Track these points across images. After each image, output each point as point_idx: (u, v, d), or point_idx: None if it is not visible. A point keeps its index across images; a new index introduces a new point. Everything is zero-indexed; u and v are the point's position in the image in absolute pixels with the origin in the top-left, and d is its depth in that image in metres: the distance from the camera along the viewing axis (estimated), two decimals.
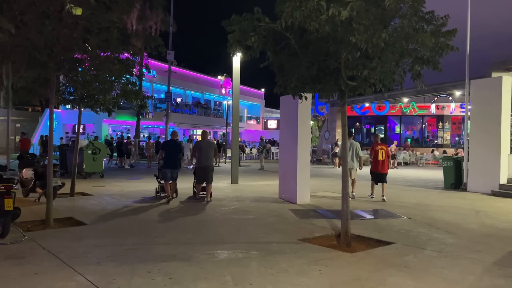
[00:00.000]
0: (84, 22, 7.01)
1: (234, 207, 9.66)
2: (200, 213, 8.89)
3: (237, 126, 15.30)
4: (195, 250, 5.87)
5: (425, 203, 10.55)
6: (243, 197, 11.22)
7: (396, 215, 8.84)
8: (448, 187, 13.91)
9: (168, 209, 9.37)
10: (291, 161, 10.35)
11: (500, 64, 13.08)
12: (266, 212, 9.02)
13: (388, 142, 35.92)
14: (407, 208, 9.72)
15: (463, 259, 5.59)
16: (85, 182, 14.61)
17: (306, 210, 9.26)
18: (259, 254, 5.68)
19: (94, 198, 10.98)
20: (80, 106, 11.02)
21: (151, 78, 36.92)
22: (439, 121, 34.95)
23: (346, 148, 6.62)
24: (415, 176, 18.92)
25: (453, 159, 14.20)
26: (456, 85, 20.27)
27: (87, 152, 16.17)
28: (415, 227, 7.57)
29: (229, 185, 14.40)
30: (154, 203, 10.19)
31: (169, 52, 26.25)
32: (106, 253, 5.67)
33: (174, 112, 38.52)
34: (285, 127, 10.93)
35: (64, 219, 8.00)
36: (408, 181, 16.44)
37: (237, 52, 5.73)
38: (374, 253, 5.89)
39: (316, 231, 7.18)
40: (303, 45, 5.97)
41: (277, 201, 10.62)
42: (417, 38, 5.52)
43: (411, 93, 25.41)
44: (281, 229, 7.31)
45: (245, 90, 49.88)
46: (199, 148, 10.78)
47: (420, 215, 8.86)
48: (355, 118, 38.29)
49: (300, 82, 6.27)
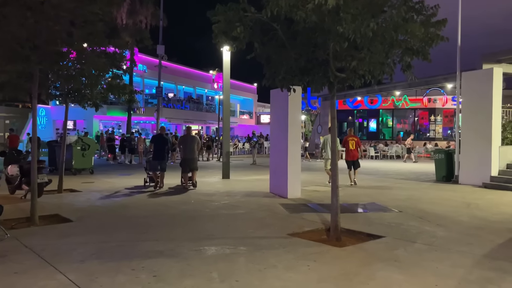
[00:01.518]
0: (67, 14, 6.82)
1: (224, 202, 9.55)
2: (190, 209, 8.77)
3: (228, 120, 15.16)
4: (182, 246, 5.76)
5: (416, 196, 10.51)
6: (234, 192, 11.12)
7: (388, 208, 8.78)
8: (440, 180, 13.90)
9: (157, 205, 9.24)
10: (282, 155, 10.25)
11: (491, 56, 13.03)
12: (257, 206, 8.92)
13: (383, 136, 36.00)
14: (399, 201, 9.66)
15: (454, 252, 5.52)
16: (74, 178, 14.42)
17: (296, 205, 9.17)
18: (248, 249, 5.57)
19: (82, 195, 10.83)
20: (67, 101, 10.84)
21: (142, 73, 36.61)
22: (431, 114, 35.02)
23: (336, 142, 6.53)
24: (407, 169, 18.92)
25: (445, 151, 14.18)
26: (447, 77, 20.27)
27: (76, 148, 15.96)
28: (406, 220, 7.51)
29: (220, 180, 14.29)
30: (144, 198, 10.07)
31: (160, 46, 25.93)
32: (91, 251, 5.54)
33: (166, 107, 38.24)
34: (276, 121, 10.81)
35: (50, 216, 7.85)
36: (400, 174, 16.42)
37: (223, 43, 5.59)
38: (364, 247, 5.81)
39: (306, 225, 7.09)
40: (291, 36, 5.84)
41: (268, 195, 10.52)
42: (407, 28, 5.42)
43: (403, 86, 25.42)
44: (271, 224, 7.22)
45: (237, 84, 49.65)
46: (184, 142, 12.19)
47: (411, 208, 8.80)
48: (347, 112, 38.27)
49: (288, 74, 6.15)
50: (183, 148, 12.06)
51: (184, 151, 11.99)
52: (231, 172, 15.33)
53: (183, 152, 12.09)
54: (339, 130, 39.71)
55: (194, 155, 11.98)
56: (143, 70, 36.23)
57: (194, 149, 11.97)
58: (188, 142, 11.98)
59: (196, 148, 12.03)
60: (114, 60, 8.81)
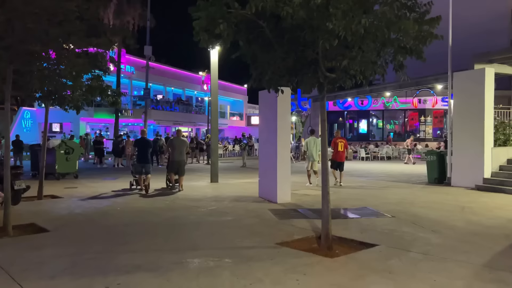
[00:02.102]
0: (41, 11, 6.42)
1: (211, 208, 9.18)
2: (174, 216, 8.39)
3: (216, 122, 14.79)
4: (163, 258, 5.39)
5: (409, 200, 10.24)
6: (222, 197, 10.75)
7: (380, 213, 8.48)
8: (432, 182, 13.68)
9: (140, 212, 8.84)
10: (271, 159, 9.92)
11: (483, 55, 12.84)
12: (245, 213, 8.57)
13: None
14: (391, 205, 9.38)
15: (451, 261, 5.22)
16: (57, 183, 13.96)
17: (286, 210, 8.84)
18: (233, 261, 5.22)
19: (63, 201, 10.39)
20: (47, 103, 10.41)
21: (130, 75, 36.07)
22: (421, 115, 35.01)
23: (326, 145, 6.20)
24: (398, 171, 18.70)
25: (436, 153, 13.96)
26: (438, 78, 20.12)
27: (60, 152, 15.47)
28: (399, 226, 7.22)
29: (208, 184, 13.91)
30: (127, 204, 9.67)
31: (147, 47, 25.50)
32: (64, 265, 5.14)
33: (155, 109, 37.73)
34: (264, 123, 10.48)
35: (25, 226, 7.43)
36: (391, 176, 16.18)
37: (205, 42, 5.23)
38: (357, 257, 5.49)
39: (296, 233, 6.76)
40: (278, 34, 5.51)
41: (257, 200, 10.17)
42: (400, 25, 5.12)
43: (393, 87, 25.26)
44: (259, 232, 6.87)
45: (227, 86, 49.31)
46: (173, 144, 12.23)
47: (404, 212, 8.51)
48: (338, 113, 38.13)
49: (275, 74, 5.82)
50: (172, 151, 12.21)
51: (173, 153, 12.15)
52: (220, 175, 14.97)
53: (172, 155, 12.23)
54: (329, 131, 39.65)
55: (182, 157, 12.23)
56: (131, 71, 35.69)
57: (183, 152, 12.24)
58: (177, 145, 12.15)
59: (184, 151, 12.32)
60: (95, 61, 8.38)
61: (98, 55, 9.26)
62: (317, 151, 12.60)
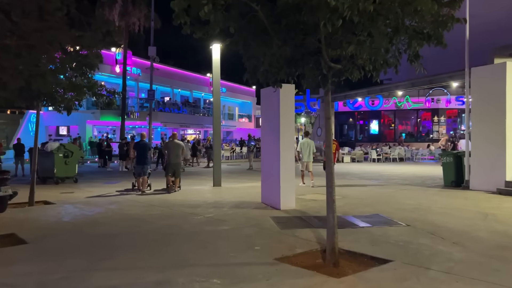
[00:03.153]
0: (12, 1, 5.79)
1: (209, 215, 8.46)
2: (168, 224, 7.69)
3: (219, 123, 14.11)
4: (144, 278, 4.69)
5: (425, 205, 9.41)
6: (222, 203, 10.04)
7: (393, 221, 7.69)
8: (448, 185, 12.80)
9: (132, 220, 8.17)
10: (273, 161, 9.18)
11: (504, 48, 11.95)
12: (244, 221, 7.84)
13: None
14: (405, 212, 8.58)
15: (480, 283, 4.42)
16: (54, 188, 13.41)
17: (290, 218, 8.08)
18: (222, 282, 4.50)
19: (55, 208, 9.79)
20: (38, 104, 9.83)
21: (136, 77, 35.61)
22: (434, 115, 33.99)
23: (331, 146, 5.46)
24: (411, 173, 17.82)
25: (453, 154, 13.07)
26: (453, 75, 19.16)
27: (58, 156, 14.89)
28: (415, 237, 6.43)
29: (210, 189, 13.21)
30: (120, 211, 9.01)
31: (151, 48, 24.96)
32: (29, 285, 4.47)
33: (162, 112, 37.21)
34: (266, 123, 9.75)
35: (3, 237, 6.80)
36: (405, 179, 15.32)
37: (188, 28, 4.52)
38: (367, 276, 4.72)
39: (298, 245, 6.01)
40: (274, 19, 4.78)
41: (259, 206, 9.44)
42: (416, 5, 4.36)
43: (405, 86, 24.33)
44: (257, 244, 6.13)
45: (236, 87, 48.71)
46: (169, 147, 12.62)
47: (420, 220, 7.71)
48: (348, 114, 37.28)
49: (273, 66, 5.10)
50: (168, 154, 12.67)
51: (169, 156, 12.56)
52: (225, 178, 14.40)
53: (168, 157, 12.75)
54: (340, 132, 38.72)
55: (178, 160, 12.51)
56: (137, 73, 35.22)
57: (179, 155, 12.52)
58: (173, 148, 12.46)
59: (180, 153, 12.58)
60: (78, 57, 7.73)
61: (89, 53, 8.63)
62: (310, 153, 13.12)
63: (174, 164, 12.35)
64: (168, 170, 12.48)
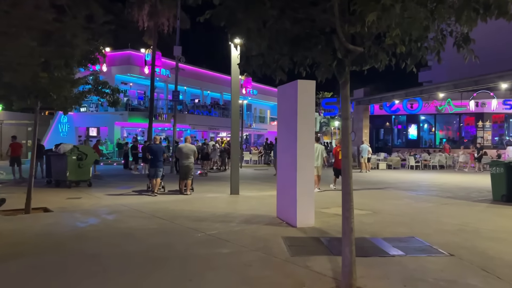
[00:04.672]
0: None
1: (211, 232, 7.25)
2: (160, 244, 6.54)
3: (237, 126, 12.91)
4: None
5: (471, 226, 7.85)
6: (232, 216, 8.83)
7: (432, 247, 6.23)
8: (498, 199, 11.08)
9: (121, 236, 7.08)
10: (290, 171, 7.89)
11: None
12: (250, 242, 6.58)
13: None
14: (447, 235, 7.08)
15: None
16: (63, 192, 12.63)
17: (305, 239, 6.76)
18: None
19: (49, 217, 8.92)
20: (35, 103, 8.99)
21: (166, 78, 35.03)
22: (478, 120, 31.51)
23: (350, 156, 4.13)
24: (454, 184, 15.99)
25: (505, 164, 11.31)
26: (503, 75, 17.17)
27: (71, 158, 14.13)
28: (462, 274, 4.98)
29: (227, 197, 12.03)
30: (114, 224, 7.97)
31: (176, 48, 24.17)
32: None
33: (190, 114, 36.52)
34: (283, 125, 8.47)
35: None
36: (446, 191, 13.60)
37: None
38: None
39: (309, 281, 4.70)
40: None
41: (273, 222, 8.15)
42: None
43: (447, 87, 22.37)
44: (256, 278, 4.87)
45: (267, 89, 47.48)
46: (180, 151, 12.69)
47: (466, 247, 6.22)
48: (384, 118, 35.30)
49: (273, 50, 3.85)
50: (179, 157, 12.93)
51: (181, 159, 12.76)
52: (246, 185, 13.68)
53: (180, 160, 12.94)
54: (376, 137, 36.75)
55: (189, 162, 12.52)
56: (166, 75, 34.63)
57: (190, 158, 12.55)
58: (185, 151, 12.55)
59: (192, 156, 12.60)
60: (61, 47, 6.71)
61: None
62: (319, 157, 12.97)
63: (186, 167, 12.49)
64: (182, 174, 12.74)
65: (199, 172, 21.05)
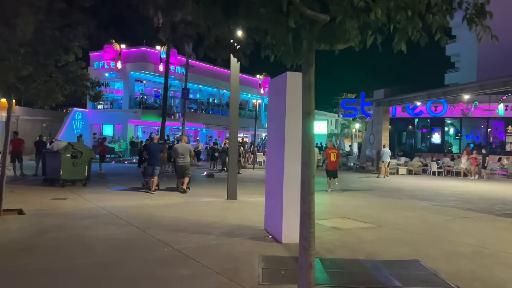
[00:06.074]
0: None
1: (182, 246, 6.25)
2: (111, 262, 5.62)
3: (236, 124, 11.92)
4: None
5: (491, 248, 6.62)
6: (216, 226, 7.82)
7: (438, 277, 5.07)
8: None
9: (81, 246, 6.19)
10: (276, 176, 6.83)
11: None
12: (220, 261, 5.56)
13: None
14: (459, 259, 5.90)
15: None
16: (52, 192, 12.05)
17: (285, 260, 5.69)
18: None
19: (17, 220, 8.19)
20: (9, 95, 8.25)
21: (181, 76, 34.34)
22: (507, 124, 29.55)
23: (310, 156, 3.07)
24: (476, 193, 14.55)
25: None
26: None
27: (65, 156, 13.46)
28: None
29: (221, 202, 11.05)
30: (87, 231, 7.09)
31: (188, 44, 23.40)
32: None
33: (205, 113, 35.78)
34: (272, 124, 7.41)
35: None
36: (467, 201, 12.25)
37: None
38: None
39: None
40: None
41: (257, 235, 7.10)
42: None
43: (473, 89, 20.81)
44: None
45: None
46: (176, 150, 12.95)
47: (482, 280, 5.04)
48: (407, 121, 33.63)
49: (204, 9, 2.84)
50: (175, 156, 13.08)
51: (176, 159, 12.99)
52: (249, 189, 13.38)
53: (176, 160, 13.09)
54: (398, 140, 35.08)
55: (185, 161, 12.75)
56: (181, 72, 33.92)
57: (186, 157, 12.78)
58: (180, 151, 12.78)
59: (188, 155, 12.84)
60: None
61: None
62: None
63: (181, 166, 12.76)
64: (178, 174, 13.05)
65: (205, 173, 20.25)
